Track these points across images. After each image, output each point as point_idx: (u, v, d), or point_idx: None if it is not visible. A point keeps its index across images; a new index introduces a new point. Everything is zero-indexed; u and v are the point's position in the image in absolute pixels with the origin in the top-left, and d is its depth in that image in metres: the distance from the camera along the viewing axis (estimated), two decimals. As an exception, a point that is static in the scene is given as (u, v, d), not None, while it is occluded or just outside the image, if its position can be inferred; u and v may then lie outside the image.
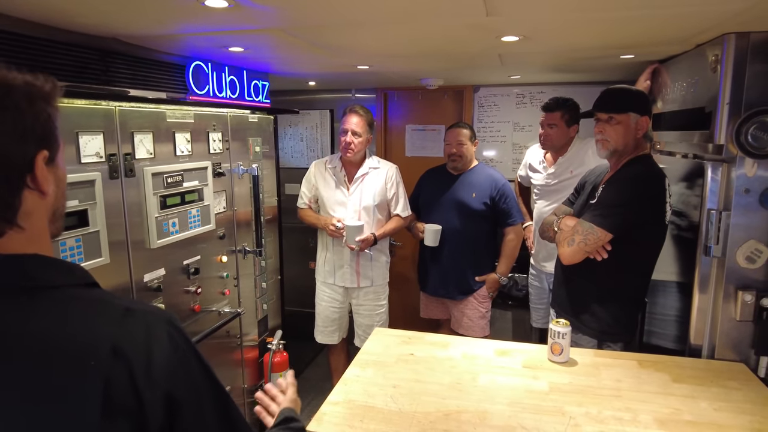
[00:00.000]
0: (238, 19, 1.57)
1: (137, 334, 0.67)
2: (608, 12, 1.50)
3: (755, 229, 1.71)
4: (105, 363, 0.62)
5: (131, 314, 0.68)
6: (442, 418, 1.43)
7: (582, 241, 1.81)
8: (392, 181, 2.82)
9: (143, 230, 1.79)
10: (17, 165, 0.65)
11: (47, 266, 0.69)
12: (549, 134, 2.67)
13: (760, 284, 1.73)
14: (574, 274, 1.96)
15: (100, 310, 0.68)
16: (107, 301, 0.70)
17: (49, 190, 0.69)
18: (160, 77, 2.12)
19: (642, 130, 1.85)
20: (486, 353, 1.85)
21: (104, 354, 0.63)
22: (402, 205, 2.86)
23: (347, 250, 2.76)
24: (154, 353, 0.66)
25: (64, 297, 0.67)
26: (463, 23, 1.64)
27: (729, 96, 1.68)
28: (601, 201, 1.84)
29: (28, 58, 1.56)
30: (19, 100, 0.65)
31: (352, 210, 2.76)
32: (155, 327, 0.69)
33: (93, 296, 0.70)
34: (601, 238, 1.78)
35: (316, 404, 3.28)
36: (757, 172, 1.68)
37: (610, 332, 1.89)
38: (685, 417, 1.43)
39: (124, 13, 1.50)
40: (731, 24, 1.60)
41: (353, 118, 2.65)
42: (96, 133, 1.57)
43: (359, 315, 2.96)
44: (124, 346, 0.64)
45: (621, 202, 1.79)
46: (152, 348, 0.66)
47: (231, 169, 2.32)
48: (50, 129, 0.70)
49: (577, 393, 1.56)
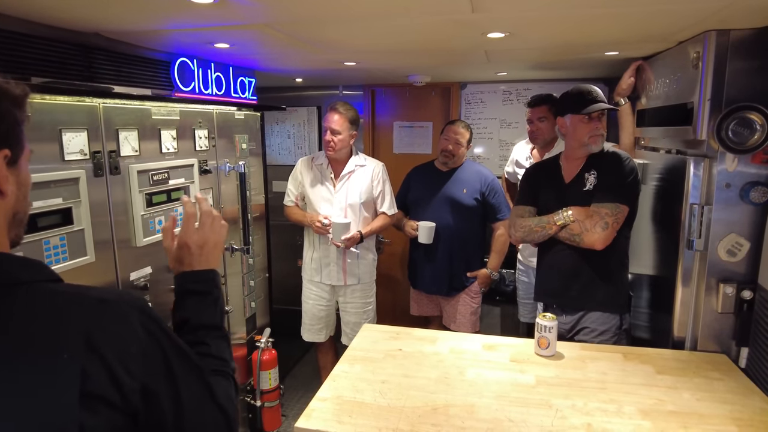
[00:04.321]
0: (223, 15, 1.56)
1: (111, 326, 0.67)
2: (591, 8, 1.52)
3: (736, 223, 1.74)
4: (79, 355, 0.62)
5: (105, 304, 0.69)
6: (431, 413, 1.44)
7: (615, 221, 1.91)
8: (378, 179, 2.82)
9: (129, 228, 1.78)
10: None
11: (12, 263, 0.68)
12: (540, 128, 2.68)
13: (740, 277, 1.76)
14: (582, 262, 2.00)
15: (72, 303, 0.67)
16: (79, 293, 0.70)
17: (8, 190, 0.68)
18: (145, 74, 2.10)
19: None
20: (473, 348, 1.86)
21: (78, 346, 0.63)
22: (388, 203, 2.86)
23: (333, 248, 2.77)
24: (130, 344, 0.67)
25: (35, 292, 0.66)
26: (449, 20, 1.64)
27: (710, 92, 1.71)
28: (608, 183, 1.94)
29: (8, 54, 1.53)
30: None
31: (338, 207, 2.76)
32: (129, 317, 0.69)
33: (63, 290, 0.70)
34: (624, 212, 1.92)
35: (305, 401, 3.28)
36: (737, 167, 1.72)
37: (628, 303, 2.06)
38: (668, 407, 1.45)
39: (107, 9, 1.49)
40: (712, 21, 1.62)
41: (334, 116, 2.66)
42: (80, 130, 1.55)
43: (346, 313, 2.96)
44: (99, 339, 0.64)
45: (627, 178, 1.93)
46: (127, 339, 0.67)
47: (217, 167, 2.31)
48: (15, 131, 0.69)
49: (563, 386, 1.58)
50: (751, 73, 1.68)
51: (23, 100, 0.70)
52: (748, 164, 1.71)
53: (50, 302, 0.66)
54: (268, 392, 2.59)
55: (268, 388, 2.59)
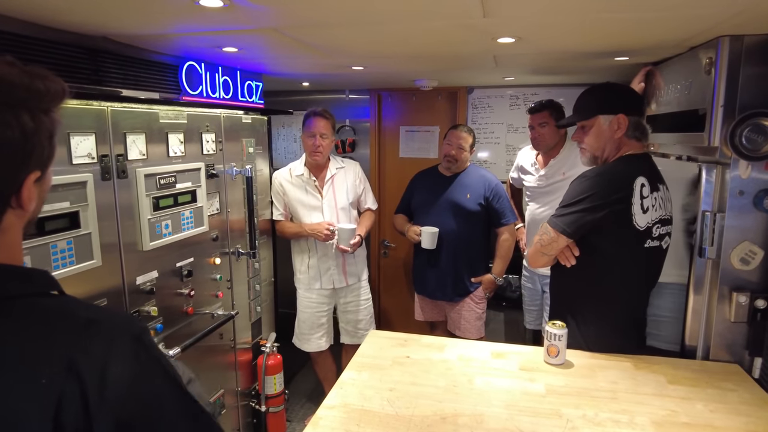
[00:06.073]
0: (232, 19, 1.55)
1: (96, 350, 0.61)
2: (604, 14, 1.50)
3: (749, 231, 1.72)
4: (57, 380, 0.57)
5: (95, 326, 0.63)
6: (439, 422, 1.42)
7: (538, 241, 1.76)
8: (360, 178, 2.92)
9: (136, 232, 1.77)
10: (4, 190, 0.62)
11: (5, 276, 0.63)
12: (541, 133, 2.68)
13: (754, 285, 1.74)
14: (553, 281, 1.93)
15: (58, 322, 0.62)
16: (68, 312, 0.64)
17: (31, 207, 0.66)
18: (153, 77, 2.09)
19: (621, 130, 1.74)
20: (482, 355, 1.84)
21: (57, 370, 0.57)
22: (371, 198, 2.99)
23: (332, 252, 2.78)
24: (111, 372, 0.60)
25: (21, 309, 0.61)
26: (460, 24, 1.63)
27: (723, 98, 1.69)
28: (561, 201, 1.75)
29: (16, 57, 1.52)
30: (25, 123, 0.61)
31: (328, 213, 2.78)
32: (118, 342, 0.63)
33: (53, 306, 0.65)
34: (554, 239, 1.71)
35: (309, 407, 3.28)
36: (751, 174, 1.69)
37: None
38: (681, 419, 1.43)
39: (115, 12, 1.48)
40: (725, 27, 1.60)
41: (320, 121, 2.69)
42: (88, 133, 1.55)
43: (347, 312, 2.96)
44: (80, 363, 0.59)
45: (574, 201, 1.68)
46: (109, 365, 0.60)
47: (224, 171, 2.30)
48: (48, 149, 0.66)
49: (573, 395, 1.56)
50: (765, 79, 1.66)
51: (60, 102, 0.66)
52: (761, 171, 1.68)
53: (36, 320, 0.61)
54: (272, 397, 2.58)
55: (272, 393, 2.57)
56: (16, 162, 0.61)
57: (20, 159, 0.62)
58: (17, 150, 0.61)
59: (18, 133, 0.60)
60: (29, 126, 0.61)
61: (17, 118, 0.60)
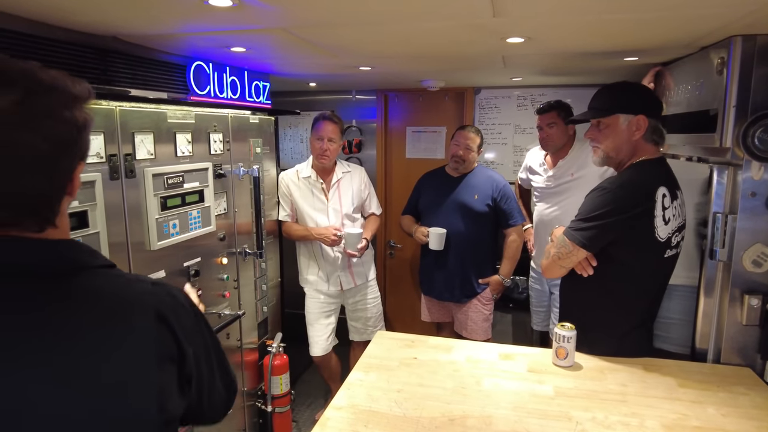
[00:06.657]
0: (241, 19, 1.55)
1: (168, 302, 0.80)
2: (615, 14, 1.49)
3: (761, 233, 1.70)
4: (153, 325, 0.76)
5: (157, 286, 0.82)
6: (447, 423, 1.41)
7: (556, 254, 1.72)
8: (366, 183, 2.93)
9: (143, 232, 1.77)
10: (64, 179, 0.73)
11: (77, 250, 0.77)
12: (550, 134, 2.67)
13: (766, 288, 1.71)
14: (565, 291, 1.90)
15: (134, 283, 0.80)
16: (135, 277, 0.83)
17: (75, 194, 0.78)
18: (161, 77, 2.10)
19: (640, 131, 1.68)
20: (490, 357, 1.83)
21: (150, 318, 0.75)
22: (376, 203, 3.00)
23: (339, 255, 2.80)
24: (182, 317, 0.81)
25: (97, 275, 0.76)
26: (469, 24, 1.62)
27: (735, 99, 1.67)
28: (579, 212, 1.71)
29: (25, 56, 1.53)
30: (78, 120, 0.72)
31: (333, 216, 2.78)
32: (179, 297, 0.83)
33: (122, 273, 0.81)
34: (572, 252, 1.67)
35: (315, 407, 3.27)
36: (763, 175, 1.67)
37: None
38: (692, 422, 1.41)
39: (124, 12, 1.48)
40: (737, 27, 1.59)
41: (329, 125, 2.70)
42: (96, 133, 1.55)
43: (356, 311, 2.98)
44: (163, 311, 0.77)
45: (594, 214, 1.63)
46: (180, 313, 0.81)
47: (231, 171, 2.30)
48: (89, 142, 0.78)
49: (582, 398, 1.54)
50: (777, 80, 1.64)
51: (89, 100, 0.76)
52: (774, 172, 1.67)
53: (115, 283, 0.77)
54: (278, 397, 2.58)
55: (279, 393, 2.57)
56: (74, 155, 0.73)
57: (75, 152, 0.73)
58: (73, 144, 0.72)
59: (75, 130, 0.71)
60: (81, 122, 0.72)
61: (72, 116, 0.71)
